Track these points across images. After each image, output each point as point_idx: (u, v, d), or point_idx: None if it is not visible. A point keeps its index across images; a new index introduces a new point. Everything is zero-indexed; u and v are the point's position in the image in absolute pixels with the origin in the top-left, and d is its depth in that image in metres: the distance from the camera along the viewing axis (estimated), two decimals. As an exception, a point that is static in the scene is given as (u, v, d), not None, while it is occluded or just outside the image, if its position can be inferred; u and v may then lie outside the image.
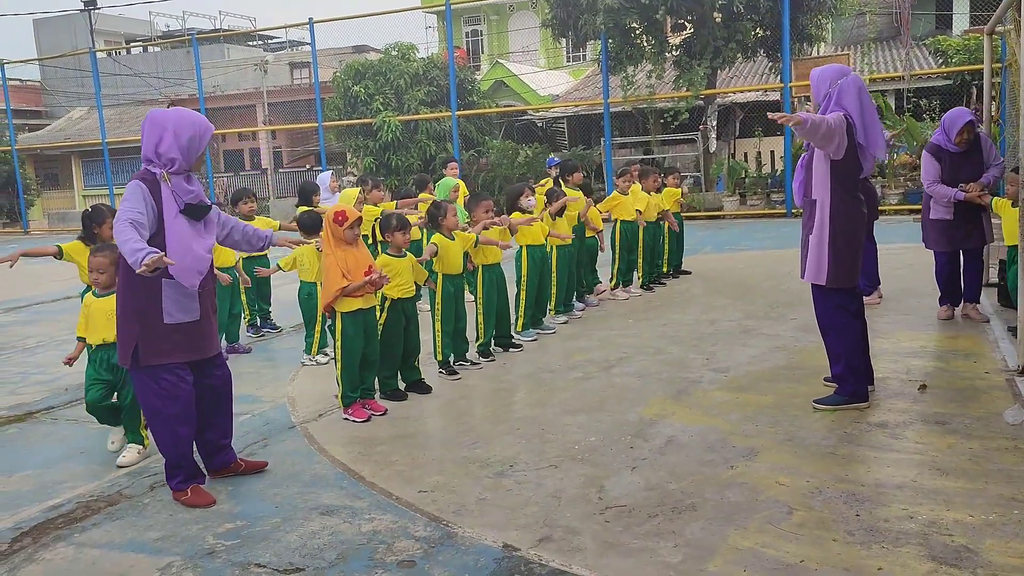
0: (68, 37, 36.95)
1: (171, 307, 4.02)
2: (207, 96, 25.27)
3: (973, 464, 4.04)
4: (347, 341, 5.23)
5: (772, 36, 17.94)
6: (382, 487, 4.19)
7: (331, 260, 5.16)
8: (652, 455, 4.39)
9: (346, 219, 5.16)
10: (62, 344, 8.33)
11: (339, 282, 5.12)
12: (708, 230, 15.50)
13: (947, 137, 6.81)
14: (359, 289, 5.17)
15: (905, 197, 16.29)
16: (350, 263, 5.17)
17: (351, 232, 5.20)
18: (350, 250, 5.22)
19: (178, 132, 4.02)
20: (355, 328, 5.24)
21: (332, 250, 5.17)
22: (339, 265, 5.14)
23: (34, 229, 27.14)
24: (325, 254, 5.21)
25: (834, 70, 4.88)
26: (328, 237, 5.20)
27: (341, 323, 5.21)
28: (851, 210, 4.80)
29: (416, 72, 22.06)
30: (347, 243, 5.20)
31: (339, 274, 5.13)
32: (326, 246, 5.20)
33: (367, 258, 5.31)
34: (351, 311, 5.22)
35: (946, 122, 6.85)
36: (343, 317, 5.21)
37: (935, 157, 6.89)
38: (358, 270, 5.17)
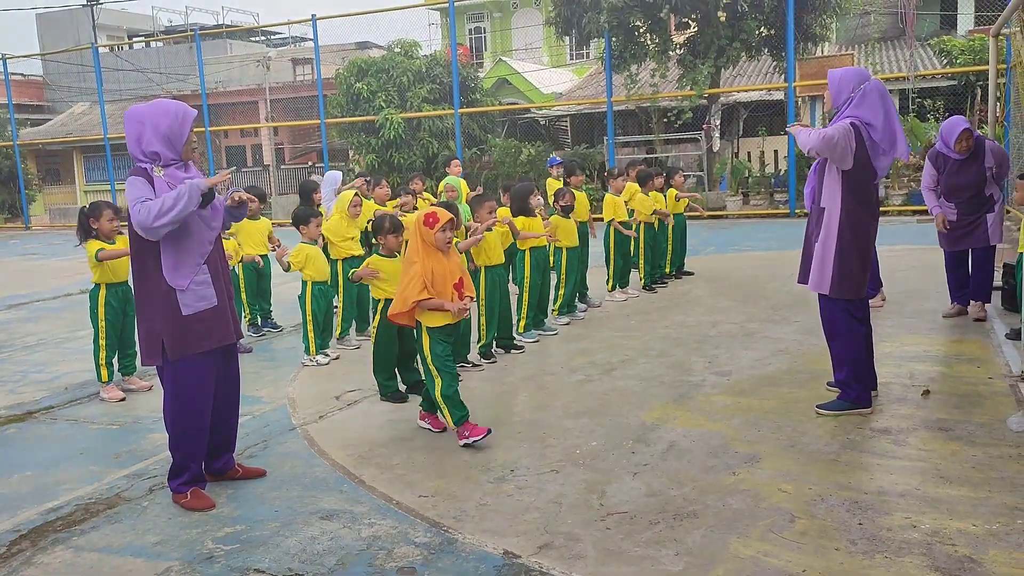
0: (71, 32, 36.92)
1: (186, 297, 4.01)
2: (209, 92, 25.24)
3: (976, 472, 4.02)
4: (437, 360, 4.74)
5: (776, 35, 17.90)
6: (382, 491, 4.17)
7: (416, 268, 4.64)
8: (654, 460, 4.37)
9: (437, 221, 4.63)
10: (63, 342, 8.33)
11: (418, 293, 4.60)
12: (711, 230, 15.47)
13: (946, 145, 6.92)
14: (440, 309, 4.67)
15: (908, 198, 16.26)
16: (437, 273, 4.66)
17: (443, 236, 4.67)
18: (440, 258, 4.69)
19: (156, 124, 3.99)
20: (443, 344, 4.76)
21: (420, 256, 4.64)
22: (424, 274, 4.61)
23: (35, 224, 27.14)
24: (410, 260, 4.69)
25: (855, 73, 4.85)
26: (416, 242, 4.69)
27: (428, 338, 4.73)
28: (861, 220, 4.76)
29: (419, 69, 22.02)
30: (438, 249, 4.69)
31: (421, 284, 4.60)
32: (413, 252, 4.69)
33: (458, 269, 4.80)
34: (438, 327, 4.72)
35: (944, 131, 6.96)
36: (429, 332, 4.72)
37: (933, 164, 7.09)
38: (446, 282, 4.68)
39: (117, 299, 6.18)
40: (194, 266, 4.02)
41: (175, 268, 3.98)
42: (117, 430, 5.43)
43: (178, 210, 3.84)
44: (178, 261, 3.99)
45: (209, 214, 4.12)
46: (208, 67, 25.57)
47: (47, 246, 19.92)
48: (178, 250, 3.99)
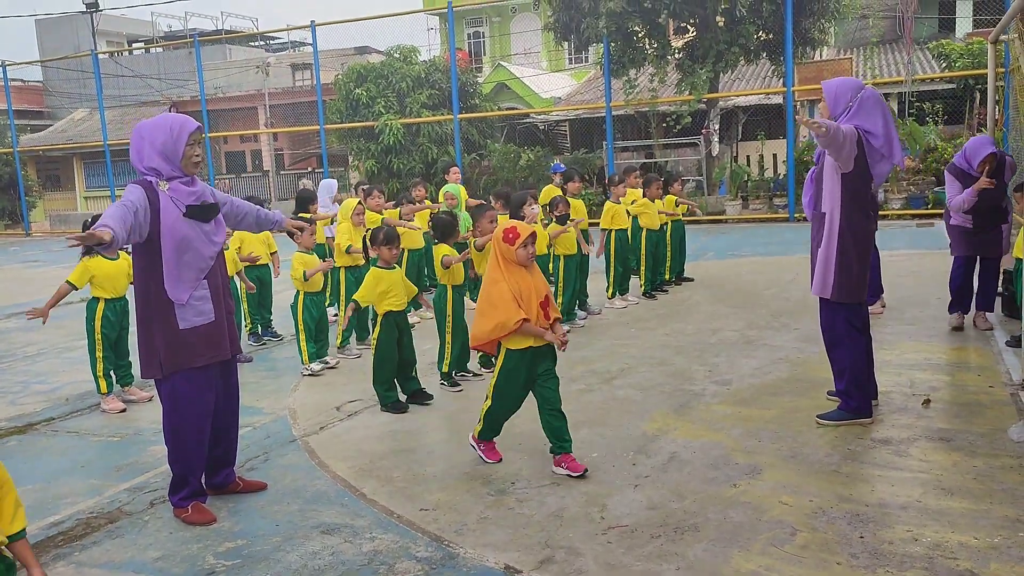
0: (70, 37, 36.96)
1: (184, 312, 4.01)
2: (209, 98, 25.26)
3: (978, 484, 4.01)
4: (503, 379, 4.47)
5: (775, 39, 17.93)
6: (383, 504, 4.17)
7: (502, 287, 4.29)
8: (654, 472, 4.37)
9: (517, 236, 4.30)
10: (64, 352, 8.33)
11: (514, 313, 4.24)
12: (711, 235, 15.47)
13: (969, 164, 6.80)
14: (539, 336, 4.33)
15: (908, 202, 16.27)
16: (524, 292, 4.29)
17: (524, 252, 4.32)
18: (524, 275, 4.35)
19: (153, 140, 4.01)
20: (517, 364, 4.43)
21: (503, 275, 4.31)
22: (512, 292, 4.27)
23: (36, 231, 27.14)
24: (493, 279, 4.35)
25: (851, 83, 4.88)
26: (496, 260, 4.35)
27: (504, 358, 4.42)
28: (860, 224, 4.78)
29: (418, 75, 22.04)
30: (521, 265, 4.36)
31: (515, 306, 4.25)
32: (494, 270, 4.34)
33: (543, 285, 4.44)
34: (520, 348, 4.39)
35: (968, 149, 6.83)
36: (507, 353, 4.41)
37: (958, 178, 6.90)
38: (532, 301, 4.31)
39: (115, 313, 6.19)
40: (194, 281, 4.02)
41: (175, 282, 3.99)
42: (118, 442, 5.43)
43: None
44: (179, 275, 3.99)
45: (212, 228, 4.12)
46: (207, 73, 25.59)
47: (47, 253, 19.91)
48: (179, 264, 3.99)
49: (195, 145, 4.06)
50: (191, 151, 4.04)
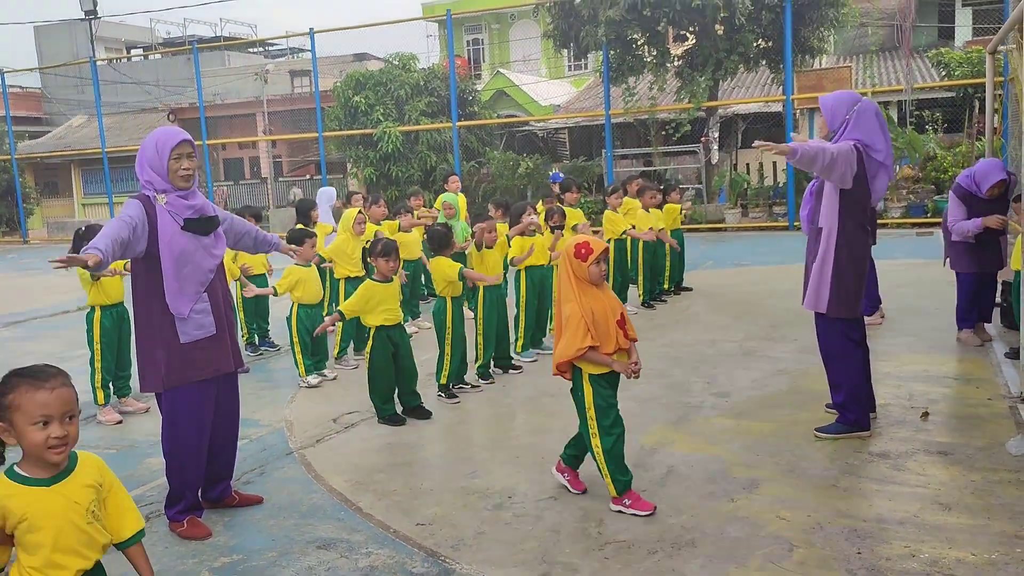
0: (69, 44, 36.98)
1: (185, 325, 4.00)
2: (207, 104, 25.28)
3: (976, 498, 4.00)
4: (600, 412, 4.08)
5: (774, 47, 17.95)
6: (379, 519, 4.15)
7: (572, 307, 3.97)
8: (652, 486, 4.35)
9: (590, 252, 3.97)
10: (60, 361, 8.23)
11: (581, 340, 3.93)
12: (710, 243, 15.47)
13: (978, 188, 6.67)
14: (607, 366, 4.02)
15: (907, 211, 16.27)
16: (598, 312, 3.98)
17: (597, 269, 4.00)
18: (597, 295, 4.03)
19: (143, 154, 4.04)
20: (608, 388, 4.12)
21: (575, 294, 3.98)
22: (584, 316, 3.95)
23: (33, 238, 27.11)
24: (565, 299, 4.04)
25: (848, 97, 4.88)
26: (568, 278, 4.03)
27: (590, 387, 4.08)
28: (857, 240, 4.77)
29: (417, 83, 22.06)
30: (593, 284, 4.05)
31: (584, 330, 3.93)
32: (566, 289, 4.03)
33: (617, 303, 4.13)
34: (602, 373, 4.08)
35: (978, 174, 6.67)
36: (591, 381, 4.08)
37: (964, 201, 6.76)
38: (608, 321, 4.00)
39: (112, 321, 6.18)
40: (194, 294, 4.02)
41: (176, 295, 3.98)
42: (114, 454, 5.41)
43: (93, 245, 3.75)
44: (180, 288, 3.98)
45: (211, 241, 4.12)
46: (206, 79, 25.63)
47: (45, 261, 19.82)
48: (179, 277, 3.98)
49: (181, 159, 4.01)
50: (176, 165, 4.00)
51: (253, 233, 4.67)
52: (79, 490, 2.46)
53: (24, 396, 2.39)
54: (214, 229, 4.13)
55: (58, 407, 2.40)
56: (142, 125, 31.68)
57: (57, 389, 2.42)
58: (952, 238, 6.91)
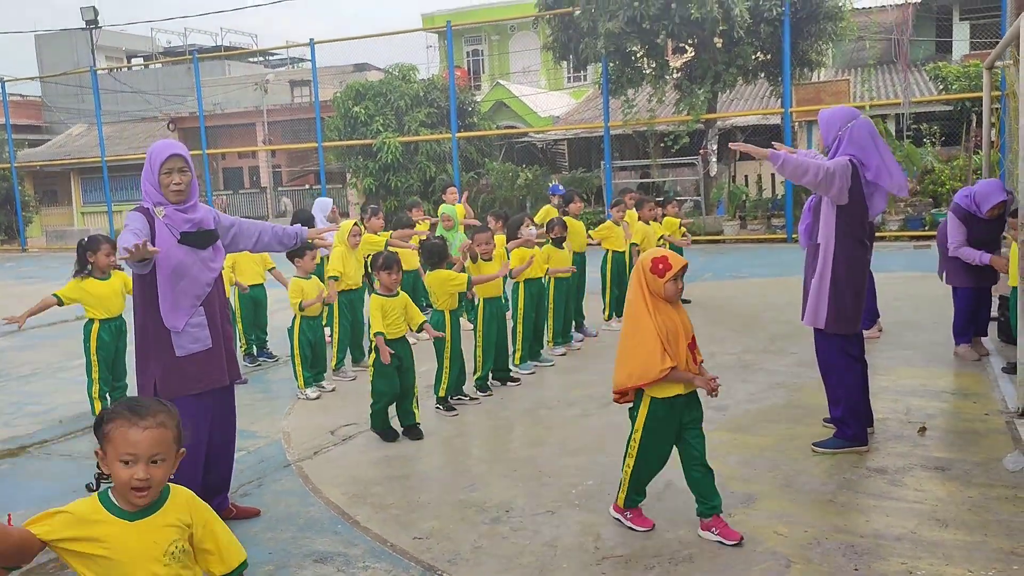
0: (70, 52, 37.08)
1: (180, 339, 4.01)
2: (207, 114, 25.34)
3: (973, 515, 4.00)
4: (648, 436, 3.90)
5: (772, 60, 18.03)
6: (376, 532, 4.15)
7: (647, 326, 3.74)
8: (650, 501, 4.33)
9: (668, 268, 3.73)
10: (58, 371, 8.31)
11: (659, 360, 3.69)
12: (709, 255, 15.49)
13: (978, 208, 6.65)
14: (689, 383, 3.85)
15: (905, 223, 16.32)
16: (671, 332, 3.76)
17: (674, 286, 3.76)
18: (671, 313, 3.80)
19: (144, 167, 4.07)
20: (666, 414, 3.88)
21: (649, 312, 3.75)
22: (659, 334, 3.71)
23: (32, 247, 27.13)
24: (636, 316, 3.80)
25: (843, 113, 4.90)
26: (642, 294, 3.79)
27: (647, 410, 3.88)
28: (855, 256, 4.78)
29: (416, 93, 22.13)
30: (668, 301, 3.82)
31: (661, 349, 3.70)
32: (639, 306, 3.78)
33: (688, 326, 3.90)
34: (665, 397, 3.84)
35: (978, 195, 6.65)
36: (651, 403, 3.87)
37: (965, 223, 6.73)
38: (680, 342, 3.79)
39: (110, 334, 6.19)
40: (190, 308, 4.02)
41: (171, 309, 3.99)
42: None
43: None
44: (175, 302, 3.99)
45: (209, 254, 4.12)
46: (206, 89, 25.67)
47: (43, 269, 19.88)
48: (175, 291, 3.99)
49: (172, 173, 4.00)
50: (167, 179, 4.00)
51: (270, 229, 4.64)
52: (160, 529, 2.37)
53: (118, 430, 2.30)
54: (212, 243, 4.13)
55: (146, 448, 2.30)
56: (142, 134, 31.75)
57: (150, 429, 2.32)
58: (949, 254, 6.91)
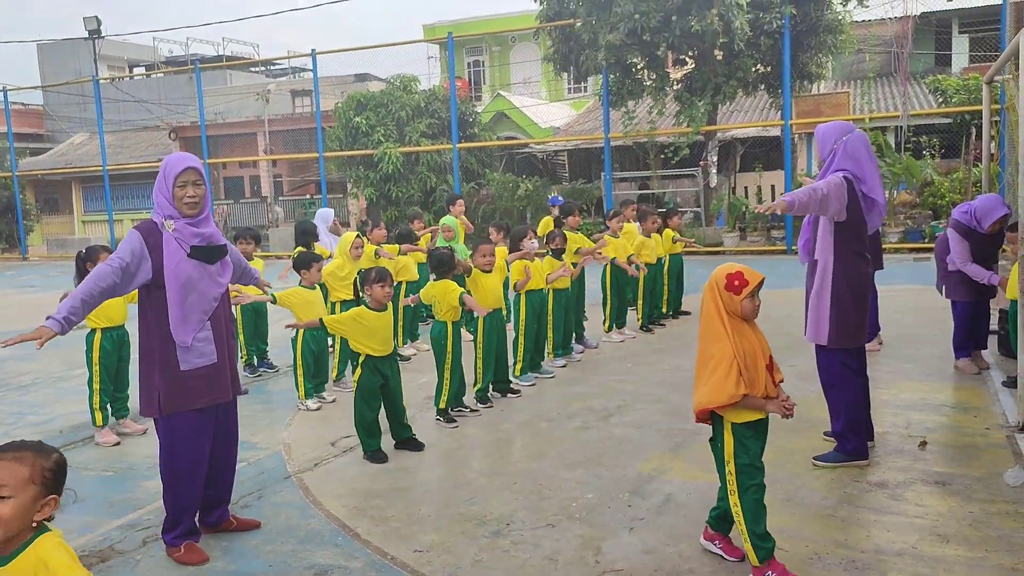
0: (72, 61, 37.17)
1: (187, 354, 4.01)
2: (208, 123, 25.38)
3: (973, 530, 4.00)
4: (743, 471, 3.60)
5: (772, 72, 18.08)
6: (377, 545, 4.15)
7: (723, 348, 3.51)
8: (650, 515, 4.35)
9: (745, 284, 3.53)
10: (58, 381, 8.31)
11: (731, 386, 3.45)
12: (708, 266, 15.43)
13: (979, 224, 6.65)
14: (762, 410, 3.59)
15: (905, 235, 16.34)
16: (749, 353, 3.54)
17: (751, 303, 3.56)
18: (748, 332, 3.59)
19: (157, 179, 4.08)
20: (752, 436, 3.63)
21: (726, 332, 3.52)
22: (737, 356, 3.48)
23: (33, 255, 27.13)
24: (713, 337, 3.57)
25: (838, 127, 4.93)
26: (717, 313, 3.57)
27: (732, 438, 3.62)
28: (855, 270, 4.80)
29: (417, 104, 22.19)
30: (745, 319, 3.60)
31: (736, 373, 3.47)
32: (715, 326, 3.56)
33: (765, 345, 3.67)
34: (747, 422, 3.60)
35: (978, 212, 6.65)
36: (734, 431, 3.62)
37: (967, 238, 6.73)
38: (758, 364, 3.56)
39: (112, 343, 6.19)
40: (198, 322, 4.02)
41: (180, 323, 3.98)
42: (111, 476, 5.41)
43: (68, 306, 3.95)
44: (184, 316, 3.99)
45: (217, 269, 4.13)
46: (208, 98, 25.73)
47: (44, 278, 19.90)
48: (184, 305, 3.98)
49: (187, 186, 4.01)
50: (181, 192, 4.01)
51: (242, 265, 4.71)
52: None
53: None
54: (221, 258, 4.14)
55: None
56: (143, 143, 31.82)
57: (3, 460, 2.20)
58: (949, 268, 6.91)
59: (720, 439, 3.67)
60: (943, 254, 6.97)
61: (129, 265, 3.92)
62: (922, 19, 21.25)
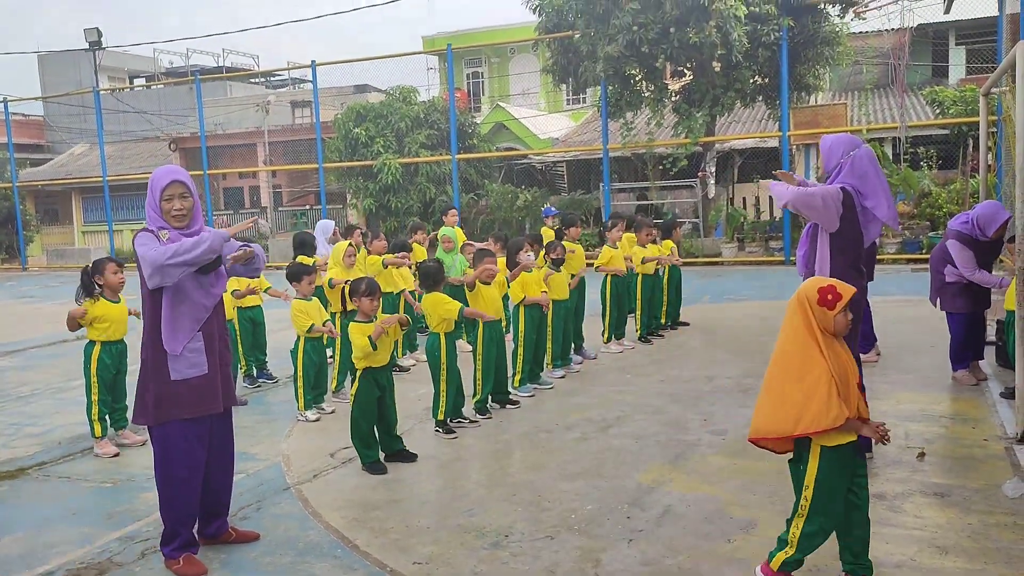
0: (72, 72, 37.25)
1: (177, 363, 4.02)
2: (209, 134, 25.43)
3: (972, 542, 4.00)
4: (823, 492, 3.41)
5: (770, 84, 18.14)
6: (376, 557, 4.15)
7: (819, 367, 3.33)
8: (649, 526, 4.35)
9: (839, 298, 3.38)
10: (57, 392, 8.30)
11: (835, 407, 3.28)
12: (706, 277, 15.52)
13: (982, 232, 6.63)
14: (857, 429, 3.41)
15: (903, 246, 16.36)
16: (840, 373, 3.35)
17: (844, 319, 3.41)
18: (839, 352, 3.42)
19: (148, 192, 4.11)
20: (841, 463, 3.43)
21: (820, 350, 3.35)
22: (833, 377, 3.31)
23: (32, 266, 27.13)
24: (806, 355, 3.37)
25: (845, 141, 4.96)
26: (809, 329, 3.38)
27: (819, 460, 3.41)
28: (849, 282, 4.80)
29: (417, 115, 22.25)
30: (837, 335, 3.45)
31: (836, 394, 3.29)
32: (807, 343, 3.38)
33: (855, 364, 3.55)
34: (838, 445, 3.40)
35: (981, 220, 6.63)
36: (823, 453, 3.41)
37: (970, 247, 6.72)
38: (850, 383, 3.41)
39: (111, 357, 6.20)
40: (189, 331, 4.04)
41: (171, 332, 4.00)
42: (110, 488, 5.40)
43: (196, 254, 3.89)
44: (175, 325, 4.01)
45: (211, 279, 4.14)
46: (208, 109, 25.79)
47: (43, 288, 19.90)
48: (175, 314, 4.01)
49: (173, 199, 4.03)
50: (168, 205, 4.04)
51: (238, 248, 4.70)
52: None
53: None
54: (214, 268, 4.15)
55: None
56: (143, 154, 31.87)
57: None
58: (946, 279, 6.90)
59: (804, 462, 3.47)
60: (939, 265, 6.96)
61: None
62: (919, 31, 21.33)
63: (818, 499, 3.41)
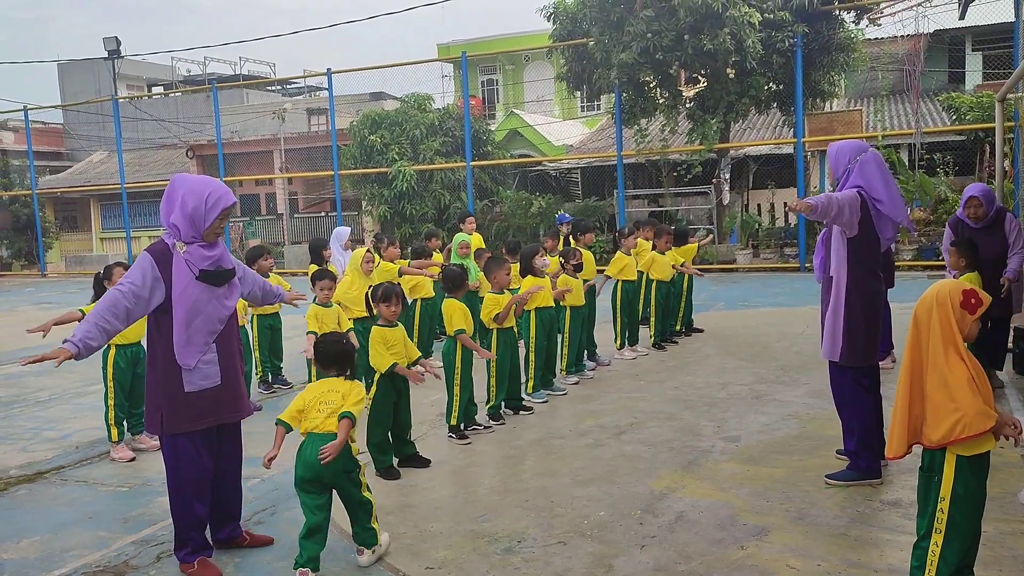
0: (91, 81, 37.60)
1: (191, 375, 4.04)
2: (225, 142, 25.61)
3: (987, 550, 3.97)
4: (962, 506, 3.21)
5: (785, 90, 18.10)
6: (389, 562, 4.17)
7: (961, 371, 3.16)
8: (661, 532, 4.35)
9: (980, 303, 3.23)
10: (75, 397, 8.38)
11: (982, 411, 3.11)
12: (721, 284, 15.49)
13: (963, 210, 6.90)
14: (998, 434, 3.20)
15: (920, 253, 16.28)
16: (980, 377, 3.20)
17: (977, 325, 3.25)
18: (970, 355, 3.22)
19: (184, 201, 4.03)
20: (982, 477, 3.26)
21: (962, 354, 3.18)
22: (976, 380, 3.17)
23: (51, 272, 27.39)
24: (952, 362, 3.17)
25: (852, 146, 4.97)
26: (952, 333, 3.19)
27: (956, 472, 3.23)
28: (868, 287, 4.81)
29: (432, 122, 22.34)
30: (969, 340, 3.26)
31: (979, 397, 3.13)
32: (948, 349, 3.19)
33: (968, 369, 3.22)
34: (977, 455, 3.21)
35: (962, 198, 6.99)
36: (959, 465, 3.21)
37: (953, 230, 7.03)
38: (987, 386, 3.23)
39: (126, 360, 6.25)
40: (203, 344, 4.05)
41: (184, 346, 4.02)
42: (126, 492, 5.45)
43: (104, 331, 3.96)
44: (188, 340, 4.02)
45: (225, 291, 4.16)
46: (225, 117, 25.98)
47: (62, 295, 20.07)
48: (189, 329, 4.02)
49: (225, 219, 4.11)
50: (219, 224, 4.09)
51: (260, 286, 4.73)
52: None
53: None
54: (229, 280, 4.17)
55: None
56: (161, 161, 32.10)
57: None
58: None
59: (939, 472, 3.27)
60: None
61: (141, 289, 3.96)
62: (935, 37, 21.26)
63: (954, 515, 3.21)
